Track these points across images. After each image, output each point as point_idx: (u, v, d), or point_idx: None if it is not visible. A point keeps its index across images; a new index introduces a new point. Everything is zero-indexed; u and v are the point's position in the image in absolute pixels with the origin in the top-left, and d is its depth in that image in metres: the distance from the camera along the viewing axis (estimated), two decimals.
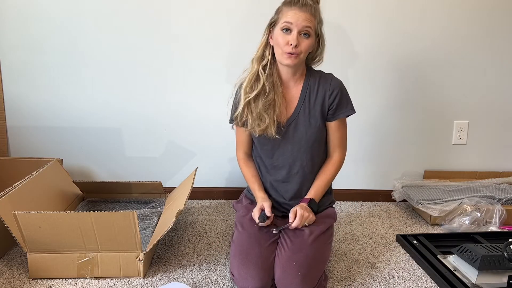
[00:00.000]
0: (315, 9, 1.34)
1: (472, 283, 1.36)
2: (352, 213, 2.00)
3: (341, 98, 1.43)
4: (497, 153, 2.15)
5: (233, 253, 1.37)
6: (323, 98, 1.42)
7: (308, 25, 1.31)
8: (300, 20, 1.31)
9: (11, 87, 2.03)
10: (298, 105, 1.43)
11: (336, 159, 1.50)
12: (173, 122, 2.08)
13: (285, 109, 1.44)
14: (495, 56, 2.03)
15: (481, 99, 2.08)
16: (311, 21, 1.32)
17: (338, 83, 1.44)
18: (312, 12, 1.32)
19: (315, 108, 1.42)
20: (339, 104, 1.43)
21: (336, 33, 1.98)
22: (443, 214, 1.81)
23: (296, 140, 1.44)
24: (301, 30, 1.31)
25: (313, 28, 1.33)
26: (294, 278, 1.25)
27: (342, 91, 1.44)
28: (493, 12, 1.98)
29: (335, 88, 1.42)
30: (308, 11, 1.32)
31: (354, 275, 1.48)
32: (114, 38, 1.99)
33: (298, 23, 1.31)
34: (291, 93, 1.44)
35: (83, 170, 2.15)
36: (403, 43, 2.00)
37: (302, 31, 1.32)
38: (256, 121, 1.40)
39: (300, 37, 1.32)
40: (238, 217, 1.51)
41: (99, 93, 2.05)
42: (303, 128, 1.43)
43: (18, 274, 1.47)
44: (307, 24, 1.31)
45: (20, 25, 1.97)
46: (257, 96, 1.38)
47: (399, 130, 2.11)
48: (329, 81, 1.42)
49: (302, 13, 1.31)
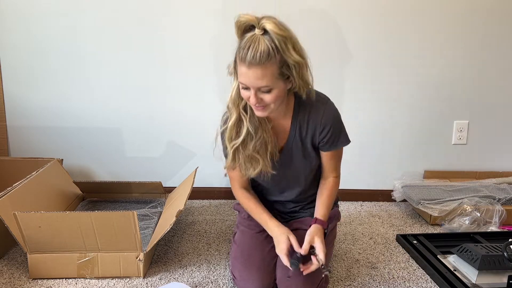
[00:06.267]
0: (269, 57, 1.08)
1: (472, 283, 1.36)
2: (352, 213, 2.00)
3: (333, 133, 1.29)
4: (497, 153, 2.15)
5: (235, 255, 1.37)
6: (313, 133, 1.30)
7: (262, 85, 1.10)
8: (252, 80, 1.10)
9: (11, 87, 2.03)
10: (290, 138, 1.32)
11: (333, 180, 1.39)
12: (173, 122, 2.08)
13: (277, 141, 1.33)
14: (495, 56, 2.03)
15: (481, 99, 2.08)
16: (264, 77, 1.09)
17: (330, 117, 1.27)
18: (263, 65, 1.08)
19: (306, 141, 1.32)
20: (330, 139, 1.30)
21: (334, 32, 1.98)
22: (443, 214, 1.81)
23: (292, 169, 1.36)
24: (257, 89, 1.12)
25: (271, 83, 1.11)
26: (296, 280, 1.24)
27: (334, 125, 1.28)
28: (492, 11, 1.98)
29: (326, 124, 1.27)
30: (258, 66, 1.08)
31: (354, 275, 1.48)
32: (115, 38, 1.98)
33: (252, 84, 1.11)
34: (280, 125, 1.31)
35: (83, 170, 2.14)
36: (403, 43, 2.00)
37: (259, 89, 1.13)
38: (249, 164, 1.28)
39: (260, 93, 1.13)
40: (240, 219, 1.50)
41: (99, 93, 2.05)
42: (298, 160, 1.35)
43: (18, 274, 1.47)
44: (260, 83, 1.10)
45: (20, 25, 1.97)
46: (244, 140, 1.24)
47: (399, 130, 2.10)
48: (320, 115, 1.26)
49: (252, 72, 1.09)
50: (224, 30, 1.96)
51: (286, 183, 1.40)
